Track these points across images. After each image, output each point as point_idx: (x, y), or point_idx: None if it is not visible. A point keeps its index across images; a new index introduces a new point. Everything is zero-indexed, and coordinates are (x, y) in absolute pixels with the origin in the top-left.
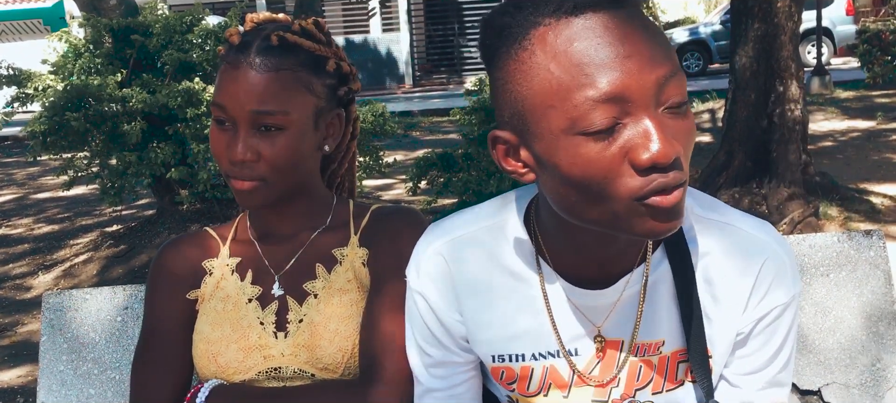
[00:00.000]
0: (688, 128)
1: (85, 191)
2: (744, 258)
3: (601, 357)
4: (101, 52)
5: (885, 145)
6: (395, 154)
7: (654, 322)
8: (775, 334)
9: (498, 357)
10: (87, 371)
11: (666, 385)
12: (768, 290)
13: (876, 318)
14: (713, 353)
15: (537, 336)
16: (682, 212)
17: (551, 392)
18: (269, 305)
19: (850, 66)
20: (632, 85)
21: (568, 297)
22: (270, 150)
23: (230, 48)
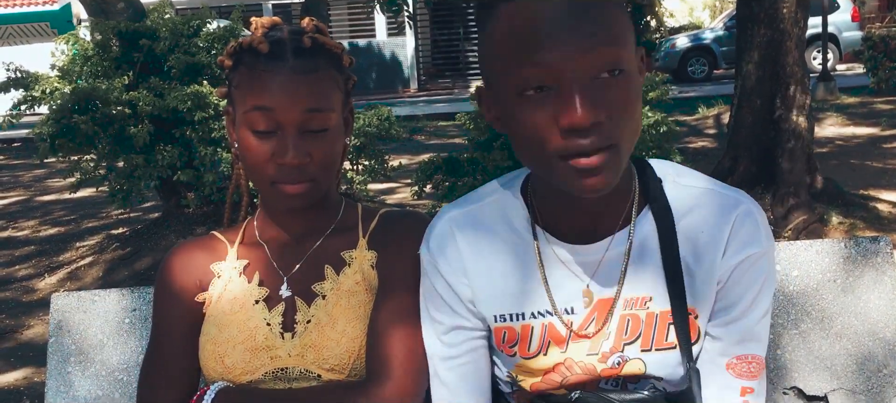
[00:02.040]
0: (620, 96)
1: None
2: (720, 213)
3: (593, 313)
4: (109, 56)
5: (891, 151)
6: (400, 158)
7: (640, 278)
8: (752, 284)
9: (500, 317)
10: (94, 373)
11: (655, 344)
12: (743, 240)
13: (882, 324)
14: (699, 312)
15: (535, 296)
16: (609, 173)
17: (550, 351)
18: (275, 306)
19: (855, 72)
20: (559, 57)
21: (559, 257)
22: (320, 150)
23: (258, 56)
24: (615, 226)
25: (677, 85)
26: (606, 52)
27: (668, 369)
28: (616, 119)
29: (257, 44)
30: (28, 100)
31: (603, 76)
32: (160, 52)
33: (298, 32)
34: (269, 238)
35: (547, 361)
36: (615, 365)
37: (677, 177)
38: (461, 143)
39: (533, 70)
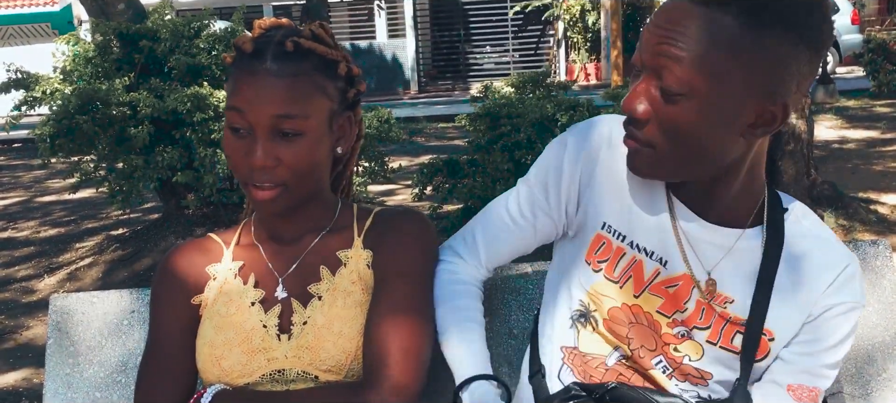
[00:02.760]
0: (666, 113)
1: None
2: (832, 261)
3: (678, 281)
4: (109, 57)
5: (890, 155)
6: (400, 159)
7: (732, 278)
8: (837, 329)
9: (608, 226)
10: (93, 375)
11: (721, 341)
12: (845, 286)
13: (882, 328)
14: (775, 335)
15: (645, 231)
16: (637, 166)
17: (626, 286)
18: (272, 308)
19: (855, 74)
20: (638, 57)
21: (680, 220)
22: (290, 155)
23: (243, 55)
24: (732, 223)
25: None
26: (671, 69)
27: (722, 370)
28: (649, 121)
29: (242, 44)
30: (28, 100)
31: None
32: (161, 53)
33: (292, 35)
34: (263, 239)
35: (622, 295)
36: (679, 336)
37: (803, 217)
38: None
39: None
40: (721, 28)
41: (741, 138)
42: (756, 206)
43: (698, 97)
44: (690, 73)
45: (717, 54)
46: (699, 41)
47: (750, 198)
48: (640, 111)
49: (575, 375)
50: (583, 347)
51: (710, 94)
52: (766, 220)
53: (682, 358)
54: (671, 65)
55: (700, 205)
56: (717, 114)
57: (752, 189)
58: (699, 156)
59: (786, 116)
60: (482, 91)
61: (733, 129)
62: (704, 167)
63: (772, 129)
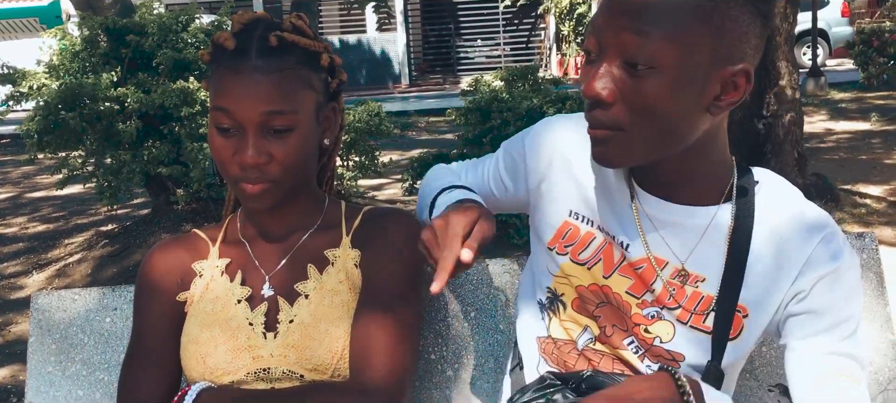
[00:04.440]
0: (635, 91)
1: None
2: (808, 223)
3: (645, 262)
4: (96, 51)
5: (880, 147)
6: (391, 154)
7: (703, 258)
8: (837, 296)
9: (574, 213)
10: (75, 373)
11: (692, 321)
12: (827, 252)
13: (868, 321)
14: (750, 312)
15: (611, 215)
16: (604, 153)
17: (595, 267)
18: (258, 306)
19: (845, 67)
20: (593, 40)
21: (642, 204)
22: (282, 151)
23: (224, 53)
24: (702, 202)
25: None
26: (636, 41)
27: (694, 352)
28: (613, 103)
29: (224, 41)
30: (15, 96)
31: (623, 61)
32: (148, 47)
33: (273, 29)
34: (250, 236)
35: (592, 275)
36: (650, 317)
37: (774, 188)
38: (452, 139)
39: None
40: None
41: (707, 112)
42: (728, 183)
43: (667, 69)
44: (660, 45)
45: (690, 23)
46: (665, 9)
47: (720, 174)
48: (606, 93)
49: (550, 365)
50: (554, 333)
51: (680, 66)
52: (736, 195)
53: (652, 340)
54: (638, 39)
55: (669, 188)
56: (687, 86)
57: (720, 165)
58: (669, 133)
59: (749, 84)
60: (472, 85)
61: (701, 102)
62: (674, 144)
63: (738, 98)
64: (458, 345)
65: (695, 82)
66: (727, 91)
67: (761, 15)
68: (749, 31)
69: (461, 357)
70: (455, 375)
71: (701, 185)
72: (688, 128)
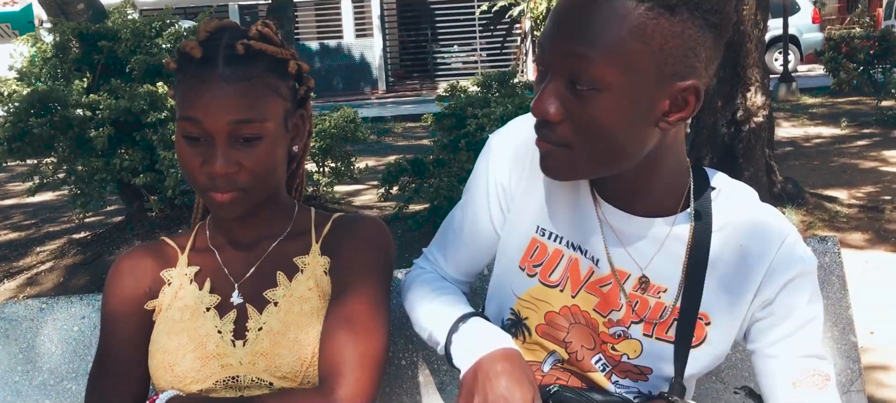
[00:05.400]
0: (580, 111)
1: (52, 198)
2: (766, 230)
3: (611, 279)
4: (68, 57)
5: (850, 151)
6: (368, 160)
7: (663, 268)
8: (800, 300)
9: (541, 229)
10: (42, 382)
11: (656, 332)
12: (788, 257)
13: (831, 323)
14: (712, 319)
15: (577, 230)
16: (551, 167)
17: (566, 289)
18: (227, 314)
19: (816, 73)
20: (542, 58)
21: (606, 216)
22: (251, 160)
23: (191, 62)
24: (661, 212)
25: None
26: (581, 63)
27: (661, 364)
28: (561, 122)
29: (190, 49)
30: None
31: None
32: (122, 53)
33: (239, 37)
34: (219, 244)
35: (561, 299)
36: (616, 337)
37: (731, 193)
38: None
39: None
40: (628, 16)
41: (656, 127)
42: (685, 188)
43: (612, 90)
44: (602, 67)
45: (629, 43)
46: (607, 32)
47: (677, 184)
48: (552, 112)
49: None
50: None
51: (624, 86)
52: (693, 203)
53: (620, 356)
54: (581, 61)
55: (628, 201)
56: (632, 104)
57: (677, 172)
58: (616, 151)
59: (699, 101)
60: (449, 90)
61: (649, 119)
62: (622, 161)
63: (687, 115)
64: (428, 351)
65: (640, 101)
66: (676, 107)
67: (712, 27)
68: (697, 45)
69: (432, 363)
70: (425, 381)
71: (659, 195)
72: (636, 145)
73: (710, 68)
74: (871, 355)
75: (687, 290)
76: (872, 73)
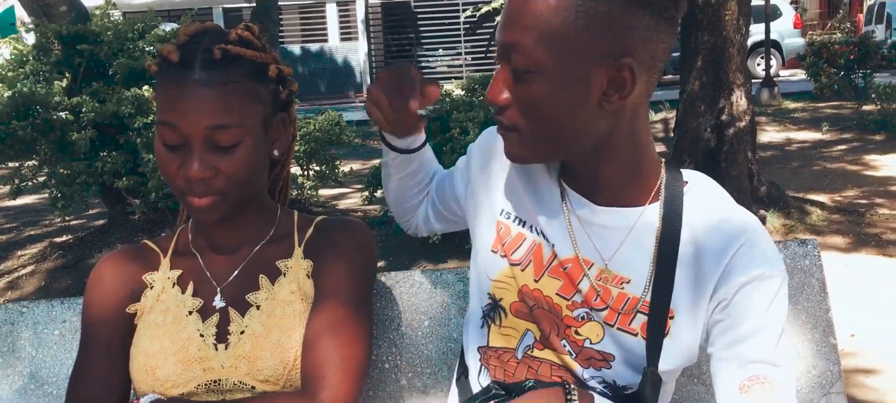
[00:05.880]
0: (522, 94)
1: (33, 201)
2: (729, 227)
3: (570, 264)
4: (49, 60)
5: (831, 155)
6: (352, 163)
7: (630, 259)
8: (757, 306)
9: (506, 212)
10: (23, 387)
11: (619, 322)
12: (748, 258)
13: (811, 326)
14: (675, 313)
15: (541, 215)
16: (509, 151)
17: (528, 269)
18: (210, 317)
19: (798, 77)
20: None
21: (572, 204)
22: (228, 165)
23: (169, 66)
24: (628, 203)
25: None
26: (518, 49)
27: (622, 352)
28: (509, 106)
29: (168, 53)
30: None
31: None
32: (104, 56)
33: (219, 41)
34: (202, 247)
35: (523, 278)
36: (580, 319)
37: (702, 189)
38: None
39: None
40: (557, 0)
41: (600, 109)
42: (655, 184)
43: (546, 72)
44: (535, 51)
45: (557, 26)
46: (538, 18)
47: (646, 175)
48: (501, 99)
49: (491, 374)
50: (493, 343)
51: (557, 67)
52: (664, 196)
53: (582, 341)
54: (517, 46)
55: (591, 189)
56: (568, 85)
57: (643, 166)
58: (562, 132)
59: (635, 80)
60: None
61: (588, 100)
62: (570, 143)
63: (626, 95)
64: (411, 354)
65: (577, 81)
66: (615, 87)
67: (646, 6)
68: (630, 23)
69: (415, 366)
70: (409, 384)
71: (626, 186)
72: (582, 125)
73: (651, 48)
74: (852, 358)
75: (658, 283)
76: (853, 78)
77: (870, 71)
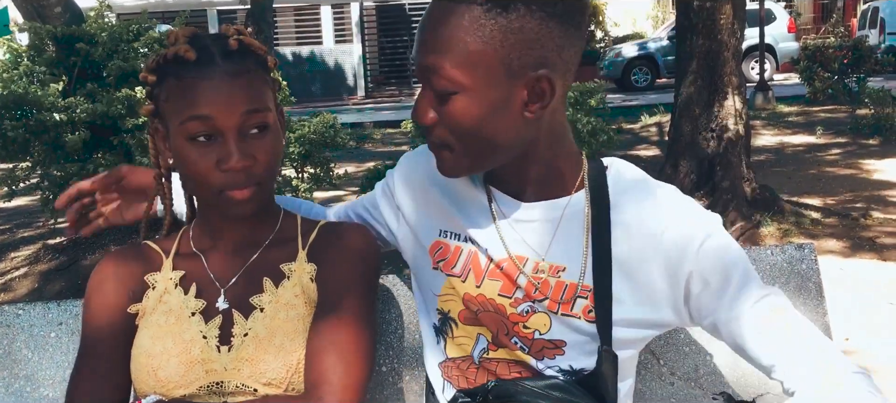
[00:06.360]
0: (447, 113)
1: (27, 202)
2: (667, 213)
3: (505, 263)
4: (43, 60)
5: (825, 159)
6: (347, 166)
7: (561, 248)
8: (723, 257)
9: (443, 231)
10: (18, 389)
11: (561, 309)
12: (694, 230)
13: None
14: (620, 290)
15: (473, 226)
16: (442, 167)
17: (468, 278)
18: (212, 319)
19: (792, 81)
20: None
21: (500, 206)
22: (262, 151)
23: (185, 64)
24: (554, 196)
25: (621, 93)
26: (435, 69)
27: (572, 335)
28: (436, 122)
29: (184, 52)
30: None
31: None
32: (98, 57)
33: (222, 37)
34: (205, 249)
35: (465, 287)
36: (525, 313)
37: (623, 171)
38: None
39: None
40: (470, 19)
41: (523, 118)
42: (579, 173)
43: (467, 90)
44: (453, 71)
45: (472, 45)
46: (453, 38)
47: (568, 167)
48: (428, 118)
49: (455, 386)
50: (451, 354)
51: (476, 84)
52: (588, 182)
53: (532, 334)
54: (436, 68)
55: (518, 189)
56: (489, 100)
57: (566, 159)
58: (489, 144)
59: (553, 88)
60: None
61: (511, 111)
62: (499, 153)
63: (547, 102)
64: (409, 358)
65: (498, 97)
66: (534, 97)
67: (555, 16)
68: (543, 36)
69: (413, 370)
70: (407, 387)
71: (551, 179)
72: (508, 136)
73: (565, 55)
74: None
75: (596, 263)
76: (847, 82)
77: (863, 75)
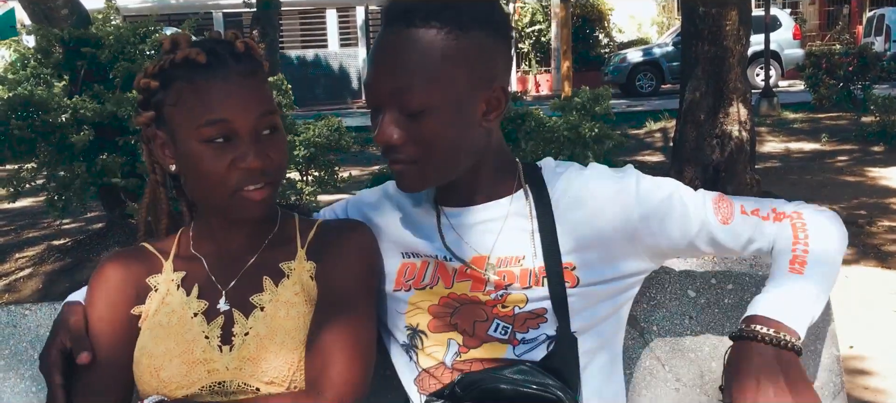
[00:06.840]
0: (419, 132)
1: (32, 203)
2: (586, 172)
3: (472, 264)
4: (50, 62)
5: (830, 166)
6: (351, 169)
7: (514, 240)
8: (655, 190)
9: (406, 253)
10: (24, 390)
11: (532, 285)
12: (619, 180)
13: (814, 337)
14: (576, 263)
15: (427, 242)
16: (407, 184)
17: (438, 285)
18: (214, 319)
19: (797, 88)
20: (372, 99)
21: (448, 217)
22: (275, 151)
23: (196, 67)
24: (496, 197)
25: (626, 99)
26: (399, 92)
27: (550, 302)
28: (408, 143)
29: (195, 56)
30: None
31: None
32: (104, 60)
33: (226, 41)
34: (205, 250)
35: (438, 291)
36: (501, 297)
37: (553, 166)
38: None
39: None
40: (432, 42)
41: (480, 127)
42: (516, 174)
43: (439, 108)
44: (426, 92)
45: (441, 66)
46: (419, 61)
47: (506, 170)
48: (396, 138)
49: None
50: (423, 365)
51: (446, 101)
52: (525, 179)
53: (512, 311)
54: (406, 89)
55: (467, 196)
56: (459, 114)
57: (505, 163)
58: (455, 155)
59: (507, 97)
60: None
61: (473, 122)
62: (461, 163)
63: (502, 111)
64: None
65: (463, 110)
66: (491, 107)
67: (501, 35)
68: (495, 52)
69: None
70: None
71: (496, 182)
72: (470, 146)
73: (507, 69)
74: (852, 369)
75: (545, 248)
76: (852, 89)
77: (869, 82)
